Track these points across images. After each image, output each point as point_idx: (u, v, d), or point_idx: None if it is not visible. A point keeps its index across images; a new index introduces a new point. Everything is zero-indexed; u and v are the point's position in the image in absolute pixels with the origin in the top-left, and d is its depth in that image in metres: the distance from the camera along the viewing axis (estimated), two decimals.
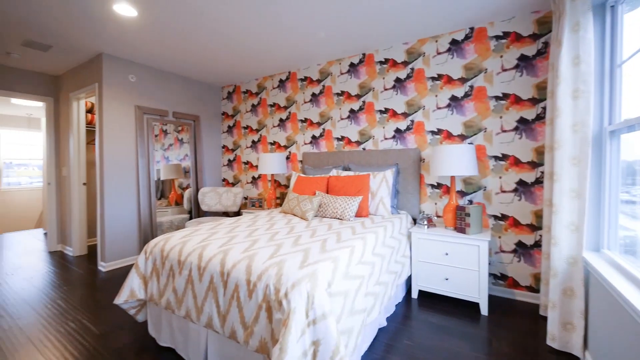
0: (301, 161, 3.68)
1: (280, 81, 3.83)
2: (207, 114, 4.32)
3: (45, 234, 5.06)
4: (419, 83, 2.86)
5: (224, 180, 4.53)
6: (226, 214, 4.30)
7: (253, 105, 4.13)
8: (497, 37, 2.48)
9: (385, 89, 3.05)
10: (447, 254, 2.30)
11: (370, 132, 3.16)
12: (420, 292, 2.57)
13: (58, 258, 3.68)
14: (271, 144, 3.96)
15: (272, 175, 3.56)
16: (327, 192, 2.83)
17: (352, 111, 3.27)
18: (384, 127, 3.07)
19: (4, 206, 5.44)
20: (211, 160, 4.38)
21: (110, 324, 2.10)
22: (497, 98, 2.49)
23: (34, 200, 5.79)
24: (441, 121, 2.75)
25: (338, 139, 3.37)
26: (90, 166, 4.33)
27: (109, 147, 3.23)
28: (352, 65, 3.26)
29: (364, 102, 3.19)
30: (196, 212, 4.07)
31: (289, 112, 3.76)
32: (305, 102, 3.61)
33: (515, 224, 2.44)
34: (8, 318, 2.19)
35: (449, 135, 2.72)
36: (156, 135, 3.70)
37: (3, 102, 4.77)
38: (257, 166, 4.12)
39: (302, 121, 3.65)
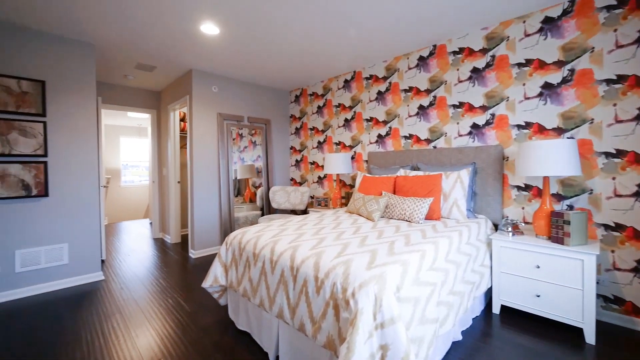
0: (366, 161, 3.64)
1: (345, 81, 3.85)
2: (276, 118, 4.61)
3: (151, 223, 6.08)
4: (501, 71, 2.54)
5: (292, 179, 4.77)
6: (294, 212, 4.52)
7: (319, 107, 4.24)
8: (609, 8, 2.04)
9: (460, 81, 2.79)
10: (538, 267, 1.99)
11: (442, 129, 2.94)
12: (503, 308, 2.28)
13: (160, 244, 4.39)
14: (336, 144, 4.01)
15: (337, 175, 3.61)
16: (394, 193, 2.73)
17: (421, 107, 3.09)
18: (458, 123, 2.82)
19: (122, 200, 6.74)
20: (280, 161, 4.66)
21: (198, 303, 2.41)
22: (608, 82, 2.05)
23: (142, 195, 7.03)
24: (530, 113, 2.39)
25: (406, 137, 3.23)
26: (183, 167, 5.05)
27: (197, 150, 3.72)
28: (421, 58, 3.08)
29: (434, 96, 2.98)
30: (267, 209, 4.38)
31: (354, 112, 3.75)
32: (370, 101, 3.56)
33: (637, 236, 1.97)
34: (126, 290, 2.70)
35: (541, 129, 2.34)
36: (233, 139, 4.10)
37: (122, 115, 5.90)
38: (322, 166, 4.23)
39: (367, 120, 3.61)
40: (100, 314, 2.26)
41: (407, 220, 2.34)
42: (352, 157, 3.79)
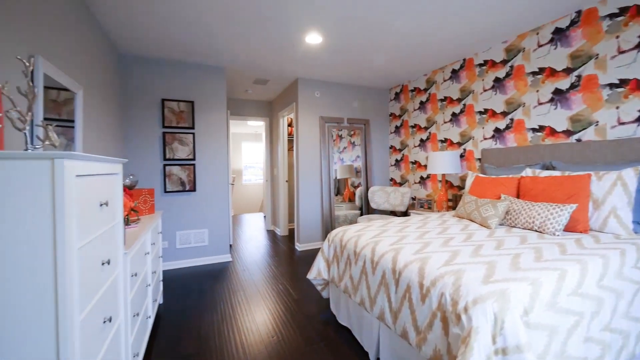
0: (479, 159, 3.20)
1: (453, 71, 3.48)
2: (375, 117, 4.57)
3: (264, 217, 7.00)
4: None
5: (391, 179, 4.64)
6: (393, 213, 4.39)
7: (421, 103, 3.98)
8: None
9: (621, 52, 2.12)
10: None
11: (589, 117, 2.30)
12: None
13: (271, 235, 5.01)
14: (442, 141, 3.68)
15: (443, 175, 3.30)
16: (518, 197, 2.31)
17: (557, 92, 2.50)
18: (617, 108, 2.15)
19: (243, 195, 8.00)
20: (379, 160, 4.60)
21: (303, 293, 2.63)
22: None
23: (258, 192, 8.16)
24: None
25: (534, 129, 2.68)
26: (290, 167, 5.60)
27: (301, 152, 4.06)
28: (557, 31, 2.49)
29: (578, 76, 2.36)
30: (366, 208, 4.40)
31: (464, 105, 3.35)
32: (485, 90, 3.11)
33: None
34: (247, 272, 3.19)
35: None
36: (334, 140, 4.28)
37: (242, 124, 7.00)
38: (425, 166, 3.95)
39: (480, 113, 3.16)
40: (230, 288, 2.74)
41: (537, 231, 1.94)
42: (462, 156, 3.40)
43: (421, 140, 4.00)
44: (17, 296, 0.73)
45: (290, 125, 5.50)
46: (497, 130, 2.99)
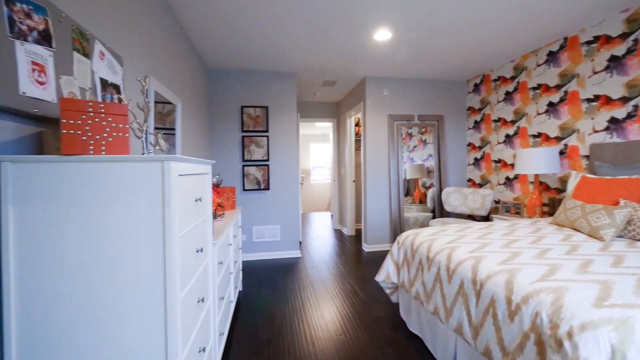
0: (587, 156, 2.66)
1: (550, 54, 2.96)
2: (451, 112, 4.21)
3: (332, 216, 7.13)
4: None
5: (469, 180, 4.22)
6: (471, 217, 3.98)
7: (507, 93, 3.51)
8: None
9: None
10: None
11: None
12: None
13: (338, 234, 5.07)
14: (534, 136, 3.17)
15: (536, 175, 2.85)
16: None
17: None
18: None
19: (312, 195, 8.29)
20: (455, 159, 4.22)
21: (371, 294, 2.58)
22: None
23: (325, 191, 8.36)
24: None
25: None
26: (357, 167, 5.58)
27: (369, 151, 4.00)
28: None
29: None
30: (439, 211, 4.09)
31: (564, 92, 2.83)
32: (595, 73, 2.56)
33: None
34: (316, 269, 3.30)
35: None
36: (403, 139, 4.10)
37: (311, 126, 7.25)
38: (512, 165, 3.47)
39: (588, 100, 2.62)
40: (299, 283, 2.87)
41: None
42: (562, 152, 2.88)
43: (507, 135, 3.53)
44: (138, 268, 0.90)
45: (357, 125, 5.48)
46: (613, 120, 2.44)
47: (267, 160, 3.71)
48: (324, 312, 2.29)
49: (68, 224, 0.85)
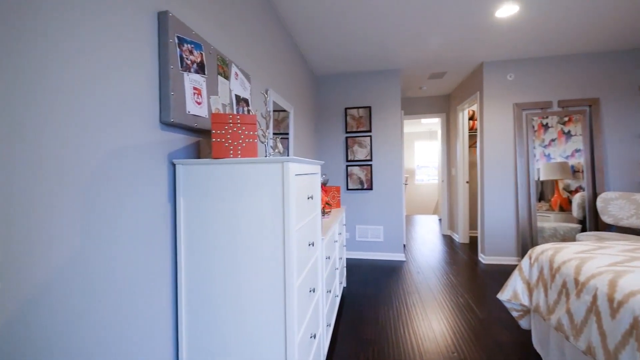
0: None
1: None
2: (611, 93, 3.20)
3: (440, 220, 6.55)
4: None
5: None
6: None
7: None
8: None
9: None
10: None
11: None
12: None
13: (448, 241, 4.60)
14: None
15: None
16: None
17: None
18: None
19: (416, 196, 7.82)
20: (619, 155, 3.18)
21: (491, 313, 2.23)
22: None
23: (431, 193, 7.74)
24: None
25: None
26: (471, 167, 4.93)
27: (488, 148, 3.46)
28: None
29: None
30: (592, 223, 3.17)
31: None
32: None
33: None
34: (422, 275, 3.09)
35: None
36: (535, 131, 3.37)
37: (416, 123, 6.83)
38: None
39: None
40: (404, 288, 2.74)
41: None
42: None
43: None
44: (263, 252, 1.04)
45: (472, 118, 4.84)
46: None
47: (370, 160, 3.71)
48: (432, 323, 2.11)
49: (214, 212, 1.06)
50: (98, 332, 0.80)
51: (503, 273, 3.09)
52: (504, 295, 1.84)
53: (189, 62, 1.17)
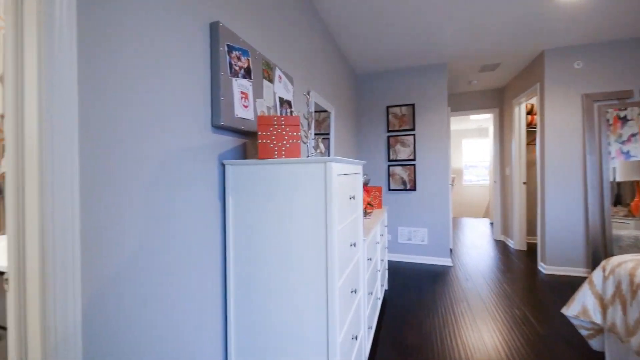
0: None
1: None
2: None
3: (491, 224, 6.06)
4: None
5: None
6: None
7: None
8: None
9: None
10: None
11: None
12: None
13: (501, 247, 4.24)
14: None
15: None
16: None
17: None
18: None
19: (463, 197, 7.33)
20: None
21: (552, 329, 2.00)
22: None
23: (481, 194, 7.20)
24: None
25: None
26: (529, 166, 4.48)
27: (550, 145, 3.11)
28: None
29: None
30: None
31: None
32: None
33: None
34: (471, 282, 2.88)
35: None
36: (610, 125, 2.94)
37: (464, 119, 6.39)
38: None
39: None
40: (451, 295, 2.59)
41: None
42: None
43: None
44: (307, 249, 1.05)
45: (530, 113, 4.39)
46: None
47: (414, 159, 3.56)
48: (483, 335, 1.96)
49: (259, 211, 1.11)
50: (164, 316, 0.88)
51: (568, 285, 2.75)
52: (570, 311, 1.64)
53: (237, 68, 1.24)
